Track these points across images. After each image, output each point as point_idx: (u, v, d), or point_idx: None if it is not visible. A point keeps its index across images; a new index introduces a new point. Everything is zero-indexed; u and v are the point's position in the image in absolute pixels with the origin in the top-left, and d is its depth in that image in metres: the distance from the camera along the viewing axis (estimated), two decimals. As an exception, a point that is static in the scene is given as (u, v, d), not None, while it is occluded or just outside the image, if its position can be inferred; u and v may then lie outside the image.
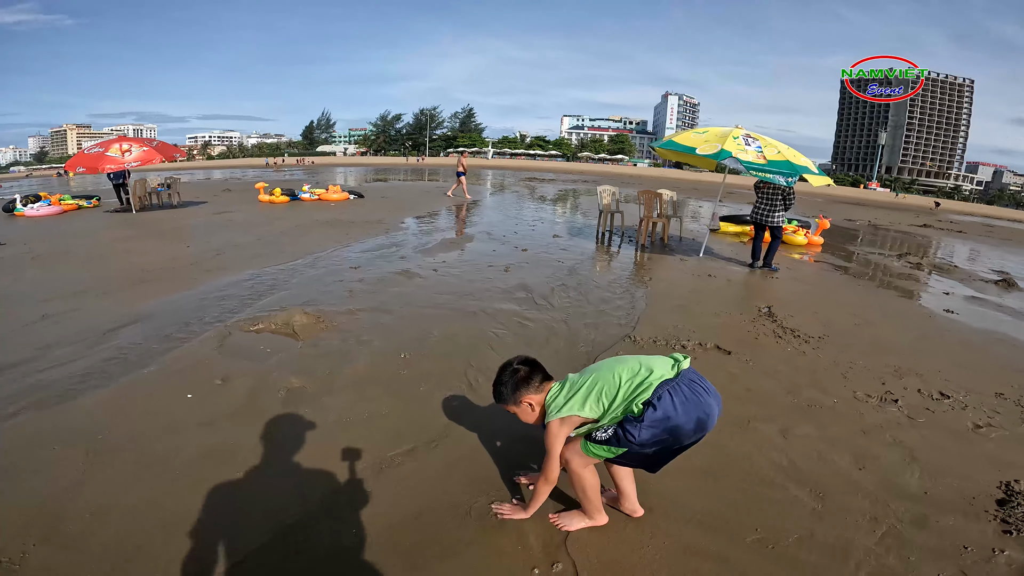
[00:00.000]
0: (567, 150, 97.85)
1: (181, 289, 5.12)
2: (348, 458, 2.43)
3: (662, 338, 4.07)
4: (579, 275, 6.06)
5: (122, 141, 11.88)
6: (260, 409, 2.83)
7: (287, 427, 2.68)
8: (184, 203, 13.42)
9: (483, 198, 16.47)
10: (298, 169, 45.68)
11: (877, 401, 3.25)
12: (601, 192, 9.17)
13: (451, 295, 4.97)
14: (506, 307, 4.68)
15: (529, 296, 5.05)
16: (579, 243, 8.21)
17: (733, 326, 4.56)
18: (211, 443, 2.51)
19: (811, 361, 3.85)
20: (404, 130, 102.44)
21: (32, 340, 3.84)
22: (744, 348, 3.99)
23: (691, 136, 7.32)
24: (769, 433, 2.80)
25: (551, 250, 7.42)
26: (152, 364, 3.37)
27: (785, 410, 3.08)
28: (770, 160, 6.58)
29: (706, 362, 3.68)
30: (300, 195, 13.40)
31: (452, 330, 4.07)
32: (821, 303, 5.63)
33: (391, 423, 2.74)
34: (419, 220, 10.18)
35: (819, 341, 4.26)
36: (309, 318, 4.14)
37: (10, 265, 6.51)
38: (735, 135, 6.84)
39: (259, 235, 8.17)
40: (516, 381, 1.92)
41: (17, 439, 2.56)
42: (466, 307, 4.63)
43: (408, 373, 3.31)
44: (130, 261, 6.57)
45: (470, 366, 3.43)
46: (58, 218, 11.82)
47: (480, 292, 5.12)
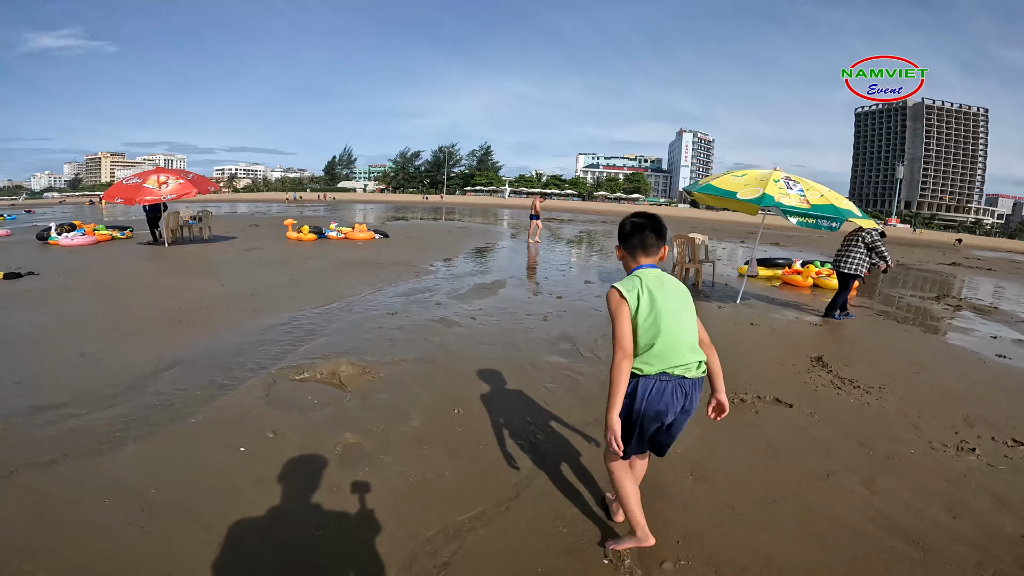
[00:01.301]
0: (583, 189, 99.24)
1: (218, 331, 5.07)
2: (418, 525, 2.29)
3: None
4: None
5: (159, 173, 12.19)
6: (318, 467, 2.71)
7: (350, 489, 2.55)
8: (214, 237, 13.63)
9: (506, 239, 16.55)
10: (320, 205, 46.73)
11: (954, 450, 3.25)
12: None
13: (494, 346, 4.86)
14: (552, 359, 4.57)
15: (574, 347, 4.94)
16: (612, 289, 8.07)
17: (788, 377, 4.45)
18: (271, 504, 2.40)
19: (877, 412, 3.81)
20: (423, 167, 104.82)
21: (71, 380, 3.79)
22: (805, 400, 3.91)
23: (730, 180, 7.19)
24: (852, 486, 2.77)
25: (586, 297, 7.30)
26: (199, 413, 3.28)
27: (863, 462, 3.05)
28: (813, 204, 6.43)
29: (768, 416, 3.60)
30: (327, 233, 13.56)
31: (502, 384, 3.96)
32: (872, 351, 5.56)
33: (455, 485, 2.62)
34: (447, 263, 10.17)
35: (880, 391, 4.19)
36: (355, 368, 4.03)
37: (45, 298, 6.56)
38: (776, 178, 6.71)
39: (291, 275, 8.18)
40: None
41: (61, 489, 2.47)
42: (512, 359, 4.51)
43: (464, 430, 3.19)
44: (165, 299, 6.57)
45: (527, 423, 3.32)
46: (92, 248, 12.04)
47: (523, 343, 5.00)
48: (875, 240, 6.68)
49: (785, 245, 18.68)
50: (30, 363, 4.15)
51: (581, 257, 12.82)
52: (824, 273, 9.76)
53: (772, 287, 9.41)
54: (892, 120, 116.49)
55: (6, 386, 3.66)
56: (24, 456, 2.73)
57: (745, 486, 2.73)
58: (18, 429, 3.04)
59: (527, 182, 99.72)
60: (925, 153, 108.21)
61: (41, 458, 2.71)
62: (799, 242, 20.56)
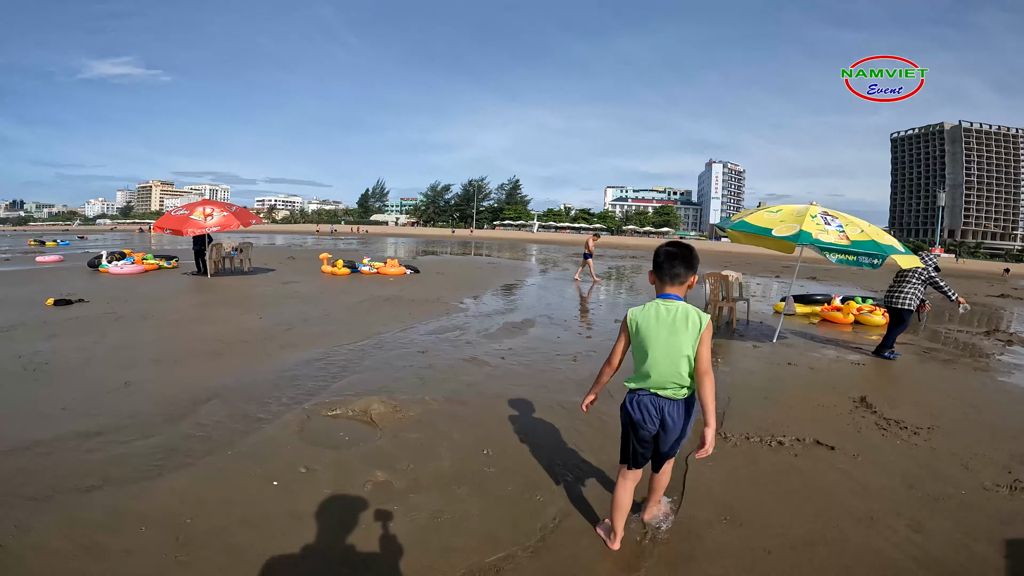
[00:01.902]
0: (612, 223, 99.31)
1: (256, 364, 5.21)
2: (446, 566, 2.29)
3: (755, 434, 3.86)
4: None
5: (205, 204, 12.80)
6: (348, 504, 2.74)
7: (378, 526, 2.56)
8: (254, 269, 14.14)
9: (535, 276, 16.62)
10: (354, 238, 48.08)
11: (1008, 490, 3.16)
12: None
13: (524, 387, 4.85)
14: (582, 400, 4.49)
15: (605, 389, 4.83)
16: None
17: (829, 418, 4.33)
18: (302, 539, 2.43)
19: (926, 453, 3.72)
20: (452, 201, 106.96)
21: (115, 408, 3.93)
22: (847, 442, 3.80)
23: (764, 216, 7.08)
24: (897, 527, 2.71)
25: (616, 336, 7.22)
26: (235, 445, 3.36)
27: (910, 504, 2.97)
28: (854, 241, 6.24)
29: (808, 458, 3.51)
30: (360, 267, 13.90)
31: (532, 425, 3.94)
32: (919, 390, 5.41)
33: (484, 526, 2.61)
34: (477, 300, 10.25)
35: (929, 432, 4.07)
36: (387, 407, 4.08)
37: (94, 325, 6.88)
38: (813, 213, 6.58)
39: (326, 310, 8.38)
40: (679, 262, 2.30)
41: (100, 515, 2.55)
42: (542, 400, 4.49)
43: (494, 471, 3.18)
44: (206, 330, 6.82)
45: (557, 464, 3.29)
46: (140, 277, 12.65)
47: (553, 384, 4.97)
48: (932, 275, 6.45)
49: (823, 280, 18.20)
50: (77, 390, 4.34)
51: (611, 294, 12.76)
52: (866, 309, 9.45)
53: (810, 324, 9.17)
54: (930, 144, 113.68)
55: (53, 411, 3.83)
56: (66, 481, 2.83)
57: (781, 529, 2.67)
58: (62, 454, 3.17)
59: (555, 216, 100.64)
60: (966, 178, 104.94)
61: (82, 484, 2.81)
62: (838, 276, 20.00)
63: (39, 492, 2.71)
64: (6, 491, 2.72)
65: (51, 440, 3.33)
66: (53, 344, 5.81)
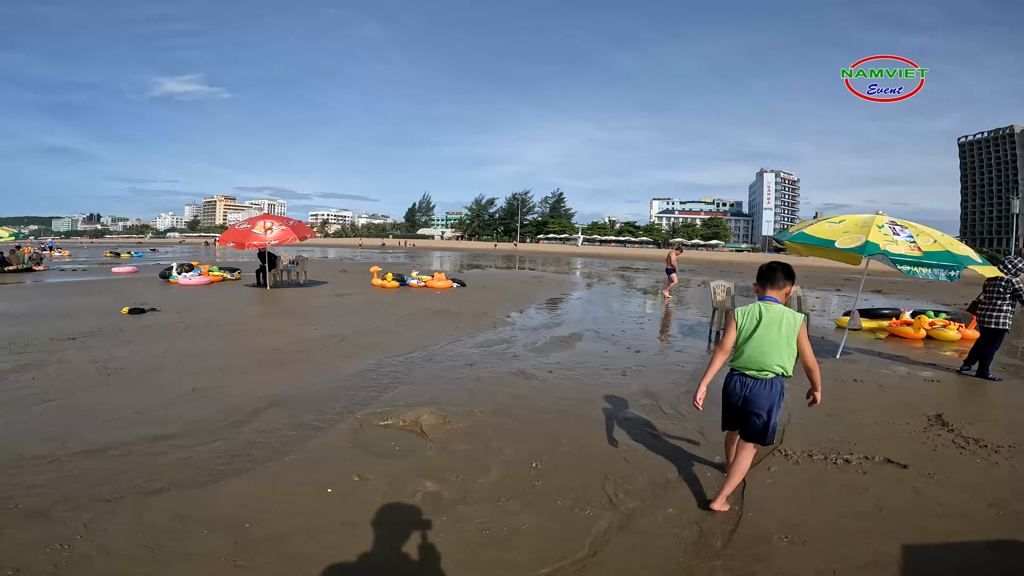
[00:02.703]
0: (658, 236, 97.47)
1: (311, 374, 5.39)
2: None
3: (818, 451, 3.73)
4: None
5: (265, 219, 13.44)
6: (399, 513, 2.78)
7: (428, 537, 2.58)
8: (309, 282, 14.73)
9: (581, 290, 16.49)
10: (401, 252, 49.32)
11: None
12: (715, 288, 8.77)
13: (572, 400, 4.80)
14: (633, 416, 4.45)
15: (655, 404, 4.79)
16: (694, 344, 7.78)
17: (901, 436, 4.15)
18: (355, 547, 2.47)
19: (1009, 472, 3.54)
20: (497, 215, 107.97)
21: (183, 414, 4.14)
22: (922, 461, 3.65)
23: (825, 227, 6.76)
24: (980, 549, 2.61)
25: (667, 352, 7.07)
26: (292, 452, 3.46)
27: (992, 523, 2.86)
28: (926, 252, 5.88)
29: (877, 477, 3.38)
30: (409, 281, 14.22)
31: (581, 440, 3.89)
32: (999, 408, 5.09)
33: (532, 540, 2.58)
34: (523, 314, 10.26)
35: (1011, 450, 3.86)
36: (436, 418, 4.12)
37: (165, 333, 7.33)
38: (880, 223, 6.24)
39: (377, 322, 8.60)
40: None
41: (165, 517, 2.65)
42: (591, 415, 4.44)
43: (542, 485, 3.15)
44: (266, 340, 7.13)
45: (607, 479, 3.24)
46: (205, 288, 13.43)
47: (602, 399, 4.90)
48: (1018, 287, 5.97)
49: (889, 293, 17.21)
50: (149, 395, 4.61)
51: (660, 309, 12.48)
52: (939, 324, 8.84)
53: (876, 340, 8.68)
54: (1000, 149, 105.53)
55: (127, 415, 4.08)
56: (135, 483, 2.98)
57: (849, 549, 2.55)
58: (133, 456, 3.35)
59: (600, 229, 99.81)
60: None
61: (151, 486, 2.95)
62: (905, 290, 18.86)
63: (111, 493, 2.86)
64: (79, 491, 2.87)
65: (124, 443, 3.53)
66: (128, 350, 6.22)
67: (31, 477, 3.02)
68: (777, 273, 2.84)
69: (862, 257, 6.19)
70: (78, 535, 2.47)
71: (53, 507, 2.70)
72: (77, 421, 3.93)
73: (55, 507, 2.70)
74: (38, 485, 2.93)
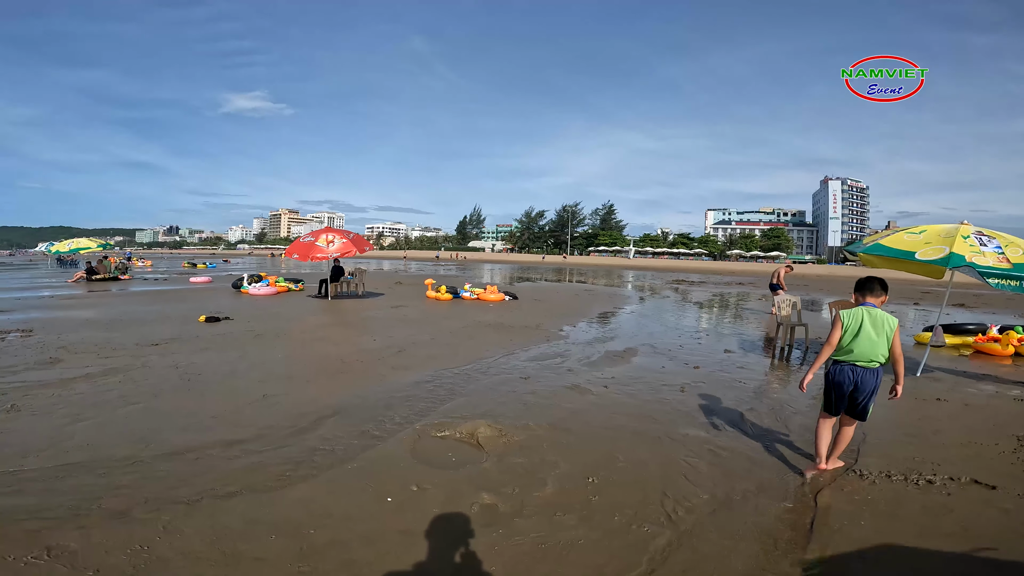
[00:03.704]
0: (714, 248, 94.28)
1: (371, 384, 5.55)
2: None
3: (897, 472, 3.57)
4: (770, 398, 5.46)
5: (327, 232, 14.06)
6: (456, 525, 2.81)
7: (484, 549, 2.59)
8: (366, 293, 15.25)
9: (634, 304, 16.19)
10: (453, 264, 50.21)
11: None
12: (780, 302, 8.38)
13: (628, 416, 4.71)
14: (693, 432, 4.32)
15: (717, 421, 4.64)
16: (757, 360, 7.45)
17: (989, 457, 3.96)
18: (412, 557, 2.51)
19: None
20: (547, 227, 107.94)
21: (254, 419, 4.36)
22: (1013, 482, 3.48)
23: (904, 238, 6.37)
24: None
25: (727, 368, 6.80)
26: (354, 460, 3.57)
27: None
28: (1016, 263, 5.49)
29: (963, 499, 3.26)
30: (462, 293, 14.43)
31: (638, 455, 3.82)
32: None
33: (588, 555, 2.56)
34: (576, 328, 10.17)
35: None
36: (492, 430, 4.14)
37: (238, 341, 7.77)
38: (965, 234, 5.83)
39: (432, 334, 8.77)
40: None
41: (236, 521, 2.77)
42: (648, 430, 4.34)
43: (599, 500, 3.12)
44: (329, 349, 7.42)
45: (666, 496, 3.18)
46: (272, 298, 14.17)
47: (659, 414, 4.79)
48: None
49: (974, 307, 15.97)
50: (224, 400, 4.89)
51: (717, 323, 12.05)
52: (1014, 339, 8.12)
53: (960, 357, 8.04)
54: None
55: (204, 419, 4.34)
56: (210, 486, 3.15)
57: (931, 573, 2.45)
58: (210, 460, 3.54)
59: (652, 241, 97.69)
60: None
61: (224, 489, 3.10)
62: (991, 303, 17.43)
63: (188, 495, 3.02)
64: (159, 493, 3.05)
65: (201, 446, 3.75)
66: (205, 357, 6.64)
67: (116, 478, 3.23)
68: (875, 284, 3.49)
69: (945, 270, 5.78)
70: (157, 536, 2.60)
71: (135, 508, 2.86)
72: (159, 424, 4.21)
73: (137, 508, 2.86)
74: (123, 486, 3.12)
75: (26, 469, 3.34)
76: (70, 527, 2.66)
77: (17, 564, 2.37)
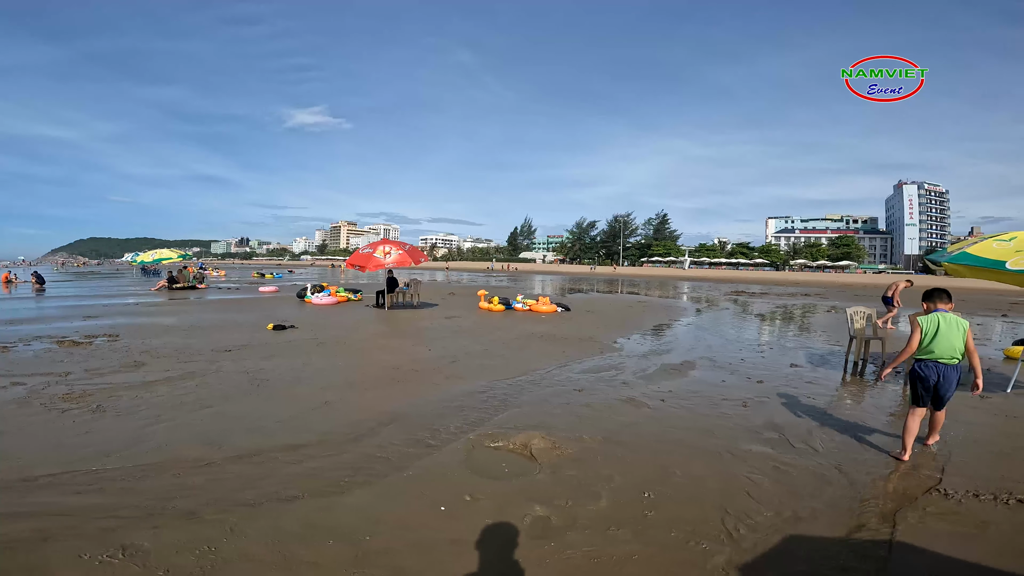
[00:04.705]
0: (776, 257, 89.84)
1: (426, 393, 5.64)
2: None
3: (986, 492, 3.34)
4: (842, 414, 5.16)
5: (384, 243, 14.51)
6: (507, 536, 2.80)
7: (535, 562, 2.56)
8: (421, 304, 15.59)
9: (690, 316, 15.68)
10: (503, 275, 50.56)
11: None
12: (852, 315, 7.87)
13: (686, 430, 4.55)
14: (756, 449, 4.13)
15: (782, 437, 4.40)
16: (828, 375, 7.00)
17: None
18: (464, 567, 2.51)
19: None
20: (598, 237, 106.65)
21: (315, 425, 4.51)
22: None
23: (993, 246, 5.92)
24: None
25: (794, 383, 6.43)
26: (409, 468, 3.63)
27: None
28: None
29: None
30: (514, 304, 14.47)
31: (696, 471, 3.68)
32: None
33: (642, 571, 2.52)
34: (630, 339, 9.97)
35: None
36: (546, 442, 4.11)
37: (302, 349, 8.12)
38: None
39: (485, 345, 8.83)
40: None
41: (296, 525, 2.85)
42: (707, 446, 4.18)
43: (655, 515, 3.04)
44: (386, 358, 7.63)
45: (726, 513, 3.06)
46: (333, 308, 14.75)
47: (719, 429, 4.59)
48: None
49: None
50: (289, 405, 5.10)
51: (782, 336, 11.44)
52: None
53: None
54: None
55: (270, 424, 4.53)
56: (273, 489, 3.26)
57: None
58: (273, 463, 3.68)
59: (709, 251, 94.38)
60: None
61: (286, 493, 3.21)
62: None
63: (253, 498, 3.13)
64: (227, 495, 3.18)
65: (266, 450, 3.92)
66: (272, 363, 6.98)
67: (188, 478, 3.40)
68: (943, 293, 4.07)
69: None
70: (224, 538, 2.70)
71: (203, 509, 2.99)
72: (229, 427, 4.44)
73: (205, 509, 2.99)
74: (194, 487, 3.28)
75: (108, 468, 3.57)
76: (145, 526, 2.80)
77: (92, 563, 2.48)
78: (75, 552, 2.55)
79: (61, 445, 3.96)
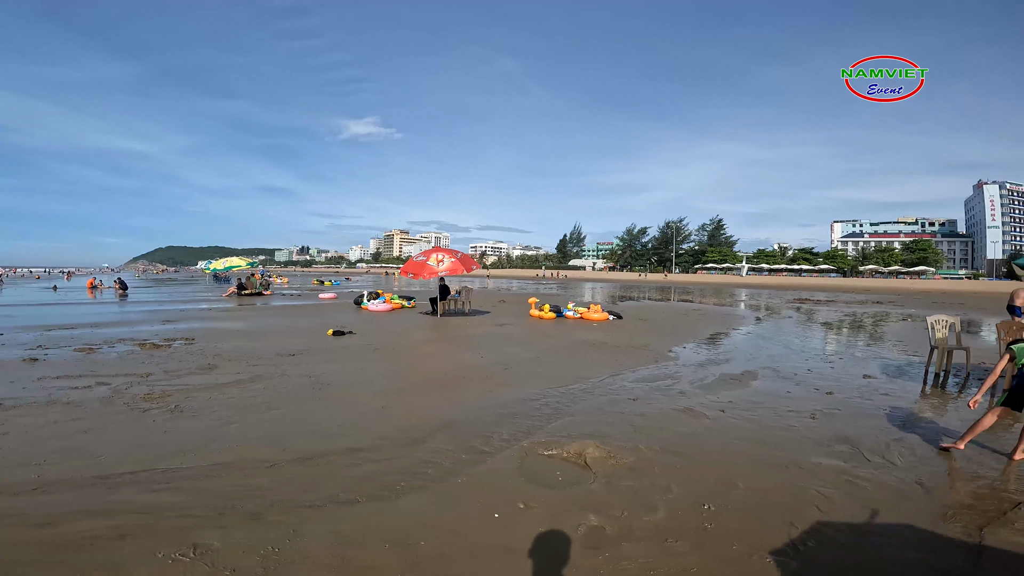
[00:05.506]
0: (843, 263, 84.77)
1: (478, 399, 5.67)
2: None
3: None
4: (922, 427, 4.82)
5: (437, 251, 14.81)
6: (561, 545, 2.76)
7: (588, 572, 2.52)
8: (472, 311, 15.78)
9: (749, 324, 15.05)
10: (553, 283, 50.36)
11: None
12: (934, 323, 7.30)
13: (748, 442, 4.35)
14: (826, 462, 3.91)
15: (855, 450, 4.16)
16: (905, 386, 6.51)
17: None
18: (513, 575, 2.49)
19: None
20: (650, 244, 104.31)
21: (372, 429, 4.61)
22: None
23: None
24: None
25: (868, 394, 6.02)
26: (463, 474, 3.64)
27: None
28: None
29: None
30: (565, 312, 14.38)
31: (760, 483, 3.52)
32: None
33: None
34: (685, 348, 9.67)
35: None
36: (601, 451, 4.03)
37: (360, 354, 8.38)
38: None
39: (536, 352, 8.80)
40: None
41: (354, 528, 2.89)
42: (771, 458, 3.98)
43: (714, 528, 2.92)
44: (439, 364, 7.76)
45: (792, 526, 2.91)
46: (388, 314, 15.17)
47: (785, 442, 4.36)
48: None
49: None
50: (348, 409, 5.25)
51: (851, 345, 10.76)
52: None
53: None
54: None
55: (331, 427, 4.67)
56: (333, 492, 3.33)
57: None
58: (333, 466, 3.77)
59: (768, 257, 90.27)
60: None
61: (345, 496, 3.27)
62: None
63: (314, 500, 3.20)
64: (290, 496, 3.27)
65: (327, 453, 4.02)
66: (332, 368, 7.24)
67: (255, 479, 3.51)
68: None
69: None
70: (287, 539, 2.76)
71: (268, 510, 3.07)
72: (293, 429, 4.61)
73: (270, 510, 3.07)
74: (260, 488, 3.38)
75: (183, 467, 3.72)
76: (214, 526, 2.89)
77: (165, 561, 2.57)
78: (150, 550, 2.63)
79: (141, 444, 4.18)
